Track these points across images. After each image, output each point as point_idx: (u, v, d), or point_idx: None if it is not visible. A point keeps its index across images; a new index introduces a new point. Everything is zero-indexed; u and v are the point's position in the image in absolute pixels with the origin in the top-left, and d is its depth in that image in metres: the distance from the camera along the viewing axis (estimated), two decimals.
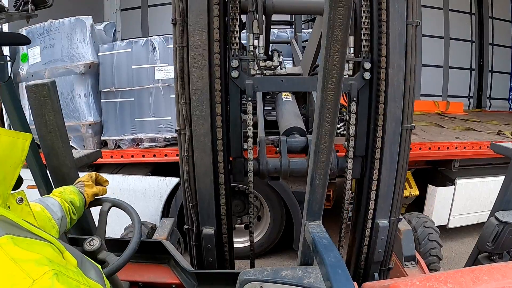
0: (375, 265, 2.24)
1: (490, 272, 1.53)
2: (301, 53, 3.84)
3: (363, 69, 2.03)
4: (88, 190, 1.46)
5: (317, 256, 1.26)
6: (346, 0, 0.97)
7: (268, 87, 2.25)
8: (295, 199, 3.73)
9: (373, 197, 2.12)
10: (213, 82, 1.92)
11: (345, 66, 2.04)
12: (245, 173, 2.14)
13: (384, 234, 2.15)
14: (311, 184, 1.34)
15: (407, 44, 1.95)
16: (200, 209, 2.06)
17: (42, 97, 1.76)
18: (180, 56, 1.89)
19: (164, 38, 3.71)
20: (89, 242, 1.30)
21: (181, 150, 2.01)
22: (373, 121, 2.06)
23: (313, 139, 1.26)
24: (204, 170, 2.00)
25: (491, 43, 7.84)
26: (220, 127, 1.97)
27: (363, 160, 2.17)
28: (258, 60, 2.06)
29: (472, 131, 4.65)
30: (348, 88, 2.03)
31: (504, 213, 2.07)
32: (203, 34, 1.86)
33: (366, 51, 2.01)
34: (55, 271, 0.60)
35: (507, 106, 7.95)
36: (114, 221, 1.59)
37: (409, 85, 2.00)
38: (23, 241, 0.64)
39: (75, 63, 3.68)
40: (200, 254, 2.12)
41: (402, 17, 1.93)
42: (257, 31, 2.01)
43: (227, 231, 2.16)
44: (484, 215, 3.00)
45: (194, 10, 1.85)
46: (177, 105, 1.97)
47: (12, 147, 0.77)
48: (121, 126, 3.83)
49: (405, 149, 2.08)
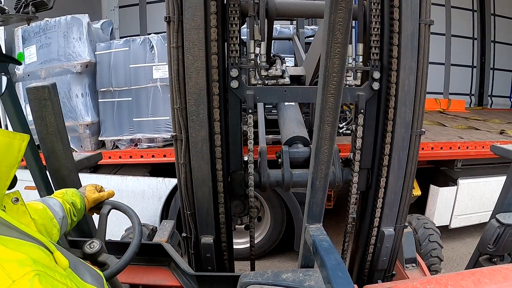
0: (379, 272, 2.19)
1: (491, 274, 1.52)
2: (303, 50, 3.77)
3: (372, 79, 1.90)
4: (89, 194, 1.46)
5: (318, 259, 1.26)
6: (346, 3, 0.96)
7: (270, 98, 2.08)
8: (295, 200, 3.71)
9: (380, 205, 2.03)
10: (211, 85, 1.80)
11: (353, 76, 1.96)
12: (245, 186, 2.03)
13: (389, 242, 2.07)
14: (311, 187, 1.33)
15: (419, 45, 1.82)
16: (198, 218, 1.99)
17: (42, 100, 1.76)
18: (174, 57, 1.76)
19: (162, 36, 3.66)
20: (89, 245, 1.30)
21: (178, 157, 1.91)
22: (382, 127, 1.95)
23: (314, 141, 1.26)
24: (202, 178, 1.90)
25: (493, 41, 7.81)
26: (218, 133, 1.86)
27: (369, 172, 2.07)
28: (260, 69, 1.93)
29: (475, 130, 4.63)
30: (356, 99, 1.91)
31: (505, 215, 2.06)
32: (199, 33, 1.72)
33: (375, 59, 1.89)
34: (37, 272, 0.60)
35: (508, 104, 7.93)
36: (113, 222, 1.58)
37: (420, 88, 1.88)
38: (10, 241, 0.64)
39: (71, 62, 3.63)
40: (199, 262, 2.06)
41: (415, 15, 1.79)
42: (259, 37, 1.86)
43: (227, 239, 2.08)
44: (486, 215, 3.00)
45: (190, 7, 1.70)
46: (173, 110, 1.85)
47: (8, 148, 0.77)
48: (119, 126, 3.79)
49: (413, 155, 1.98)
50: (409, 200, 2.09)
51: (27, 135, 0.82)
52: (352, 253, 2.35)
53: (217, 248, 2.05)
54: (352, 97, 1.92)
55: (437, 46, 7.30)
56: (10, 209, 0.89)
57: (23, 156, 0.84)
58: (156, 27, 6.86)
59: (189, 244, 2.08)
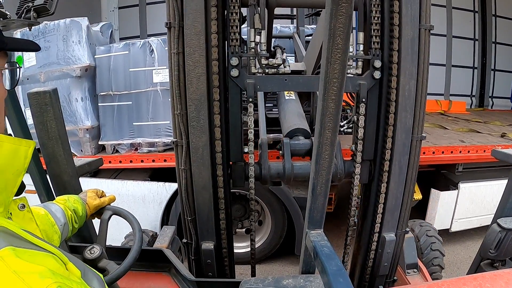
0: (380, 278, 2.18)
1: (493, 279, 1.52)
2: (304, 48, 3.74)
3: (373, 68, 1.89)
4: (90, 201, 1.46)
5: (319, 265, 1.26)
6: (347, 9, 0.96)
7: (271, 86, 2.08)
8: (296, 204, 3.68)
9: (380, 210, 2.02)
10: (212, 91, 1.80)
11: (354, 65, 1.95)
12: (245, 178, 2.02)
13: (390, 248, 2.05)
14: (312, 193, 1.33)
15: (419, 50, 1.83)
16: (199, 224, 1.98)
17: (43, 105, 1.76)
18: (175, 63, 1.76)
19: (162, 39, 3.63)
20: (90, 250, 1.30)
21: (178, 163, 1.91)
22: (382, 131, 1.95)
23: (314, 147, 1.26)
24: (202, 184, 1.90)
25: (494, 42, 7.80)
26: (219, 139, 1.86)
27: (371, 164, 2.06)
28: (260, 58, 1.91)
29: (476, 133, 4.61)
30: (357, 88, 1.89)
31: (507, 219, 2.05)
32: (200, 38, 1.73)
33: (376, 48, 1.87)
34: (58, 283, 0.60)
35: (509, 105, 7.91)
36: (114, 226, 1.58)
37: (420, 93, 1.87)
38: (24, 252, 0.63)
39: (71, 66, 3.60)
40: (200, 268, 2.06)
41: (415, 20, 1.79)
42: (259, 26, 1.85)
43: (228, 245, 2.08)
44: (487, 218, 2.99)
45: (191, 12, 1.70)
46: (173, 115, 1.85)
47: (14, 155, 0.76)
48: (119, 131, 3.76)
49: (414, 161, 1.98)
50: (410, 206, 2.08)
51: (33, 141, 0.81)
52: (353, 258, 2.33)
53: (218, 254, 2.04)
54: (353, 86, 1.91)
55: (438, 47, 7.30)
56: (16, 216, 0.88)
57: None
58: (156, 28, 6.86)
59: (190, 250, 2.06)
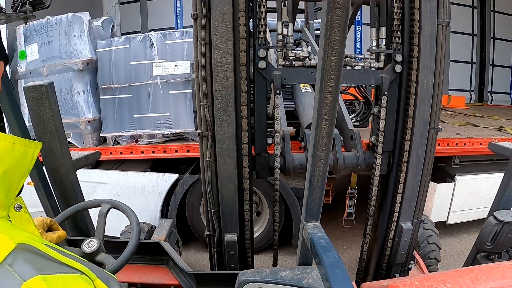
0: (397, 267, 2.22)
1: (489, 271, 1.52)
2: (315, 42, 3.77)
3: (395, 62, 1.94)
4: None
5: (316, 257, 1.26)
6: (344, 1, 0.96)
7: (297, 79, 2.07)
8: (294, 195, 3.71)
9: (399, 200, 2.07)
10: (239, 82, 1.79)
11: (376, 58, 2.01)
12: (269, 169, 2.02)
13: (407, 236, 2.10)
14: (309, 185, 1.33)
15: (437, 45, 1.89)
16: (222, 215, 1.97)
17: (40, 99, 1.75)
18: (201, 54, 1.75)
19: (162, 34, 3.70)
20: (88, 244, 1.30)
21: (203, 154, 1.89)
22: (402, 123, 2.01)
23: (311, 139, 1.25)
24: (227, 176, 1.89)
25: (493, 37, 7.80)
26: (246, 131, 1.85)
27: (390, 155, 2.10)
28: (287, 50, 1.91)
29: (473, 126, 4.62)
30: (379, 81, 1.94)
31: (503, 212, 2.07)
32: (227, 30, 1.71)
33: (397, 43, 1.93)
34: None
35: (508, 100, 7.93)
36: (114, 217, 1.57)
37: (437, 86, 1.94)
38: (56, 280, 0.58)
39: (73, 60, 3.68)
40: (222, 260, 2.05)
41: (433, 16, 1.86)
42: (286, 19, 1.85)
43: (250, 237, 2.08)
44: (483, 211, 3.00)
45: (218, 4, 1.70)
46: (199, 107, 1.85)
47: (23, 157, 0.73)
48: (120, 123, 3.84)
49: (431, 151, 2.03)
50: (425, 195, 2.13)
51: (39, 142, 0.79)
52: (369, 247, 2.36)
53: (241, 245, 2.04)
54: (375, 79, 1.97)
55: None
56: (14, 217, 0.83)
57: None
58: (157, 23, 6.88)
59: (212, 242, 2.06)
